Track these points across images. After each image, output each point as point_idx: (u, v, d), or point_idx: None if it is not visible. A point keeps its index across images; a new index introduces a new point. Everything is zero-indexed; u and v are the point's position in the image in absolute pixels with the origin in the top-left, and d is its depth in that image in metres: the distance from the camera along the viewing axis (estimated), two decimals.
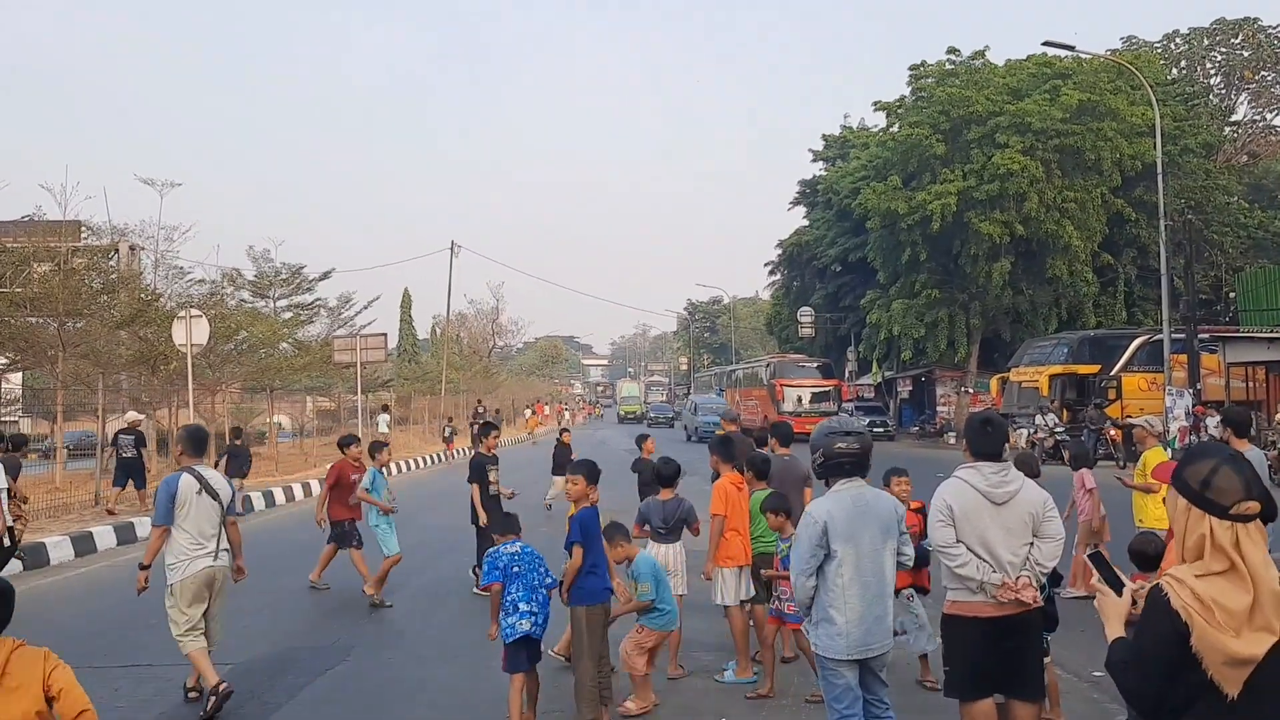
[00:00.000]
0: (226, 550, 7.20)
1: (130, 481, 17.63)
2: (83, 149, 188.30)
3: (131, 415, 20.13)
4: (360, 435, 14.01)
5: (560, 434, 18.51)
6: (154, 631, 9.18)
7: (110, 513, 16.81)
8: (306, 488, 22.42)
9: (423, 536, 14.42)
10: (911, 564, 5.08)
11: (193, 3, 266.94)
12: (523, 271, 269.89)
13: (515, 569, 6.06)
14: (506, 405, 62.88)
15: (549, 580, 6.18)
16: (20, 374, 27.78)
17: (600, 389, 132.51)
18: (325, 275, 36.47)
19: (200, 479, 7.04)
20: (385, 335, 35.12)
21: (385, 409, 36.26)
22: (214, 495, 7.07)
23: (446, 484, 25.19)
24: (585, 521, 6.13)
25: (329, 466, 11.56)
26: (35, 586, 11.54)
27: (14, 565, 12.36)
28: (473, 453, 11.83)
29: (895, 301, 40.81)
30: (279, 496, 20.90)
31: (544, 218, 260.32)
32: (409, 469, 30.28)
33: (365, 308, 40.05)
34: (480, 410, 42.11)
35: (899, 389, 50.72)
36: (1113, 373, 30.44)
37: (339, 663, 7.99)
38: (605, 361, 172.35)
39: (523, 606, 5.98)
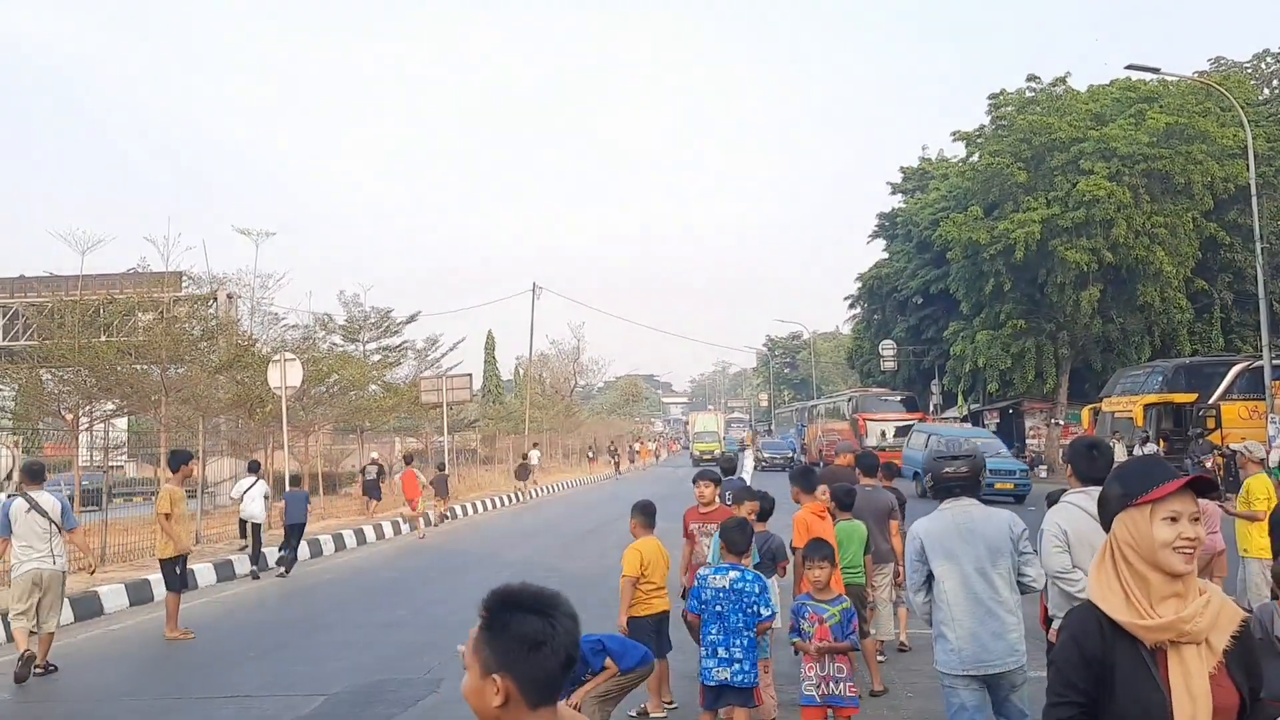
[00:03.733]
0: (55, 557, 9.08)
1: (375, 499, 25.30)
2: (185, 202, 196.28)
3: (373, 455, 27.74)
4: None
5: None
6: (252, 664, 9.50)
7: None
8: (395, 526, 22.87)
9: (514, 572, 14.60)
10: (1038, 586, 4.92)
11: (277, 64, 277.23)
12: (603, 311, 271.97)
13: (718, 607, 5.73)
14: (589, 444, 63.25)
15: (762, 615, 5.79)
16: (126, 419, 28.89)
17: (686, 425, 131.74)
18: (412, 318, 37.34)
19: (31, 501, 9.06)
20: (470, 376, 35.78)
21: (535, 446, 42.52)
22: (42, 513, 9.03)
23: (520, 522, 25.46)
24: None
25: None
26: (143, 621, 11.99)
27: (118, 597, 12.89)
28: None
29: (979, 333, 40.13)
30: (369, 534, 21.35)
31: (623, 257, 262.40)
32: (493, 507, 30.68)
33: (451, 349, 40.85)
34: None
35: (986, 422, 49.68)
36: (1211, 401, 29.44)
37: (428, 694, 8.15)
38: (685, 399, 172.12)
39: (721, 652, 5.69)
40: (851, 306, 62.59)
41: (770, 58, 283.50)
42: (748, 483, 12.18)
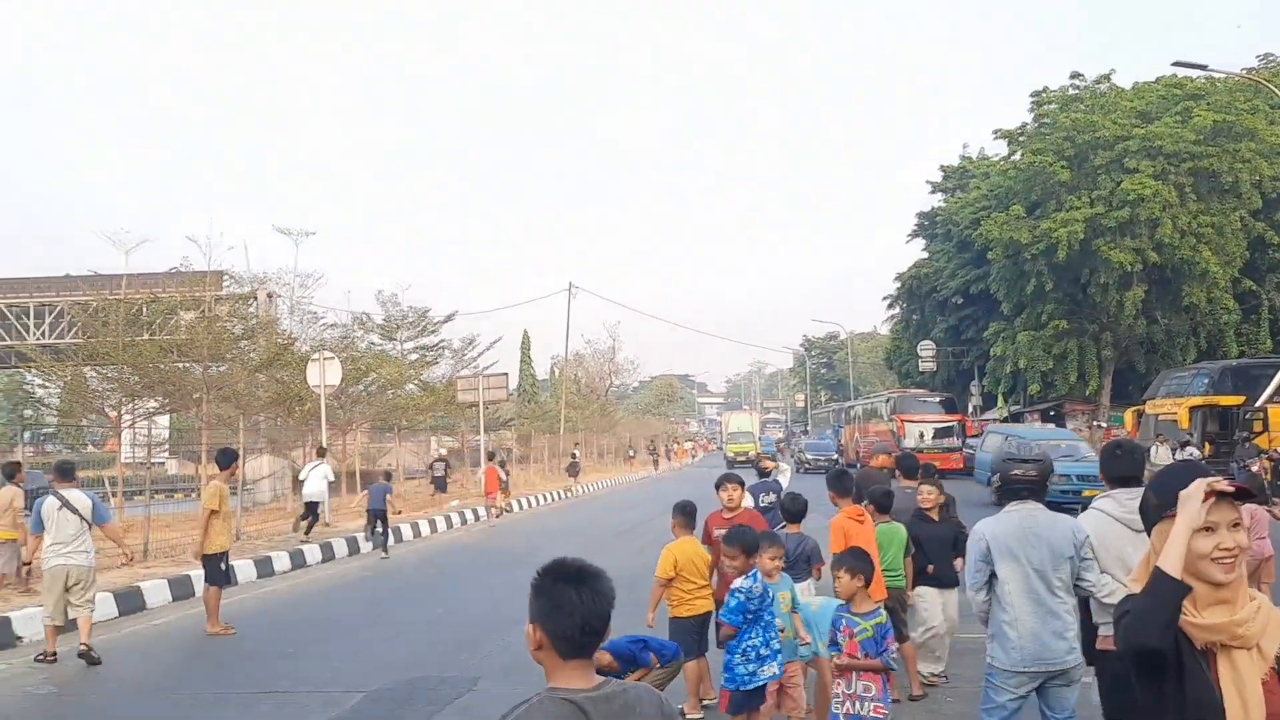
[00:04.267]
0: (85, 553, 9.37)
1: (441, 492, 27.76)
2: (226, 201, 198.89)
3: (439, 452, 29.77)
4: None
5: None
6: (292, 660, 9.55)
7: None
8: (432, 524, 23.01)
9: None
10: (1096, 592, 4.87)
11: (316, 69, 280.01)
12: (638, 310, 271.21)
13: (754, 612, 5.71)
14: (623, 444, 63.29)
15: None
16: (168, 416, 29.28)
17: (720, 425, 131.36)
18: (449, 318, 37.49)
19: (62, 499, 9.34)
20: (506, 375, 35.85)
21: (576, 445, 44.74)
22: (73, 510, 9.32)
23: (567, 519, 25.51)
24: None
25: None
26: (184, 616, 12.11)
27: (160, 592, 13.02)
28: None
29: (1020, 333, 39.67)
30: (406, 533, 21.46)
31: (660, 256, 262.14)
32: (534, 505, 30.80)
33: (488, 349, 40.99)
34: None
35: (1027, 424, 49.14)
36: (1258, 404, 28.86)
37: (467, 692, 8.14)
38: (720, 399, 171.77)
39: (765, 652, 5.70)
40: (890, 306, 62.22)
41: (809, 53, 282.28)
42: (784, 485, 12.08)
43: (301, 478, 20.75)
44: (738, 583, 5.78)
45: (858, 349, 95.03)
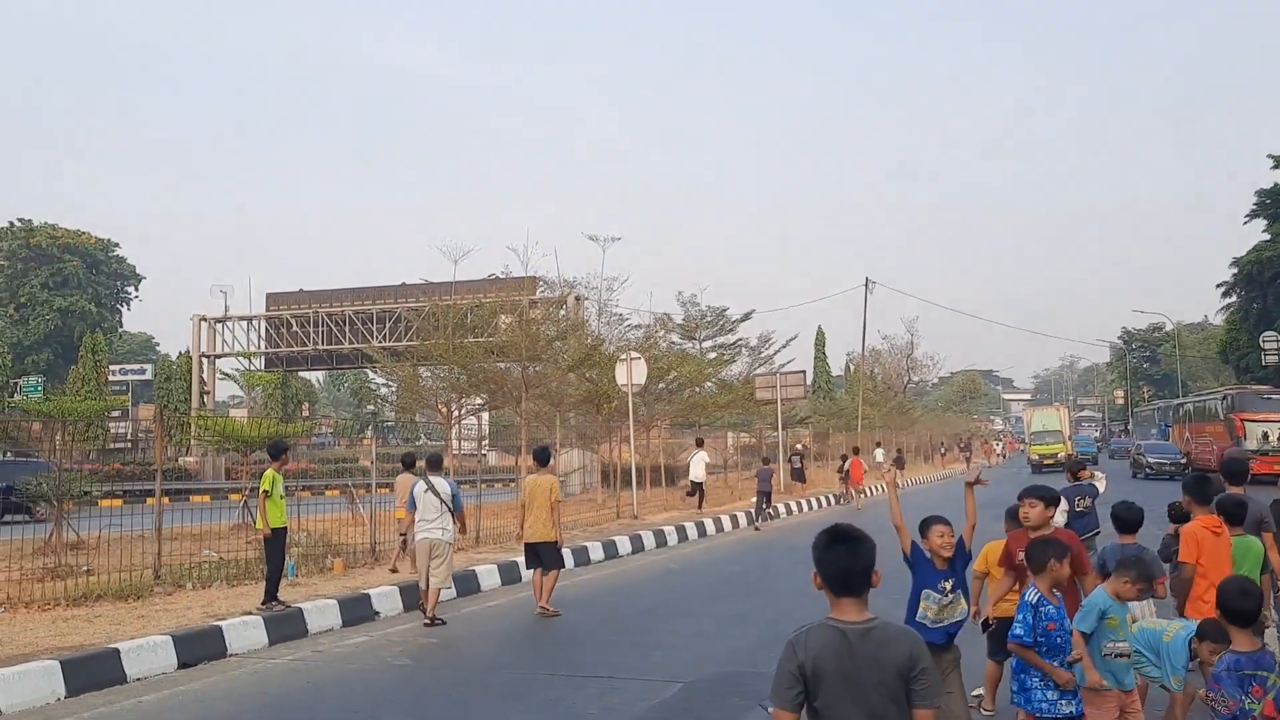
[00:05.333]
0: (444, 530, 11.38)
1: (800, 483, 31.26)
2: (541, 212, 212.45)
3: (797, 446, 34.25)
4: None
5: None
6: (613, 648, 10.07)
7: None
8: (734, 519, 23.41)
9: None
10: None
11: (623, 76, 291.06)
12: (938, 304, 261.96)
13: (1059, 639, 5.23)
14: (924, 442, 61.50)
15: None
16: (488, 413, 31.62)
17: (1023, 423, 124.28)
18: (746, 316, 38.02)
19: (430, 484, 11.54)
20: (804, 373, 35.85)
21: (879, 445, 46.09)
22: (437, 494, 11.43)
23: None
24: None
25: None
26: (515, 599, 13.08)
27: (491, 576, 14.11)
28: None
29: None
30: (709, 527, 21.97)
31: (959, 248, 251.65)
32: (822, 506, 30.59)
33: (784, 346, 41.19)
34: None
35: None
36: None
37: None
38: (1028, 396, 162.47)
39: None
40: (1225, 294, 56.92)
41: (1133, 26, 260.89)
42: (1100, 491, 11.26)
43: (690, 462, 26.77)
44: (1028, 595, 5.37)
45: (1186, 341, 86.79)
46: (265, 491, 11.57)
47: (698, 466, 25.67)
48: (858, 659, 3.06)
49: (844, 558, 3.17)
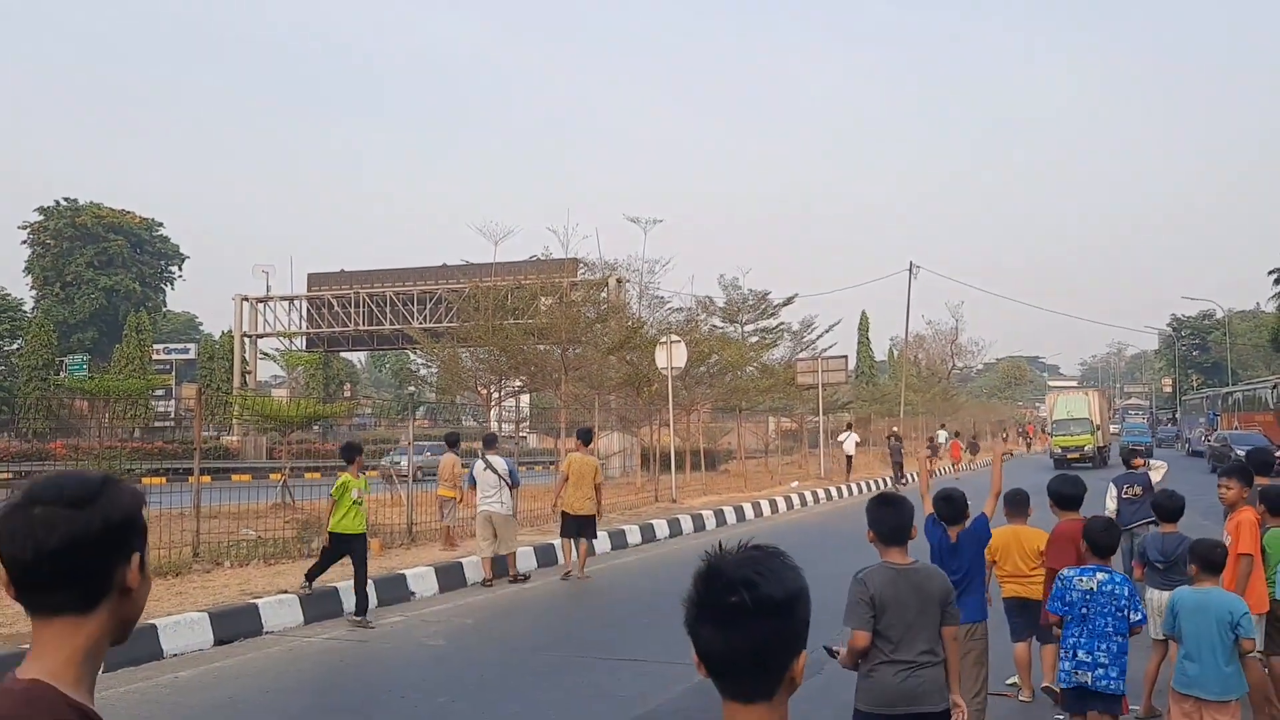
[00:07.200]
0: (502, 504, 12.67)
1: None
2: (581, 192, 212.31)
3: (894, 430, 37.26)
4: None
5: None
6: (649, 630, 9.95)
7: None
8: (773, 504, 23.21)
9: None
10: None
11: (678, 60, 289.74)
12: (983, 289, 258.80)
13: (1084, 610, 5.42)
14: (966, 428, 60.83)
15: (1133, 620, 5.38)
16: (528, 395, 31.58)
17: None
18: (788, 301, 37.55)
19: (487, 462, 12.83)
20: (845, 358, 35.43)
21: (943, 426, 48.12)
22: (494, 470, 12.73)
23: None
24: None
25: None
26: (549, 581, 13.01)
27: (527, 560, 14.05)
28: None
29: None
30: (749, 512, 21.79)
31: (1005, 234, 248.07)
32: (871, 489, 30.27)
33: (826, 331, 40.69)
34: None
35: None
36: None
37: (818, 672, 8.06)
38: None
39: (1081, 655, 5.41)
40: (1277, 281, 55.48)
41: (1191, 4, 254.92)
42: (1155, 482, 10.86)
43: (840, 440, 33.38)
44: (1063, 570, 5.67)
45: (1237, 328, 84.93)
46: (333, 498, 10.38)
47: (849, 444, 32.73)
48: (908, 590, 4.10)
49: (892, 515, 4.21)
